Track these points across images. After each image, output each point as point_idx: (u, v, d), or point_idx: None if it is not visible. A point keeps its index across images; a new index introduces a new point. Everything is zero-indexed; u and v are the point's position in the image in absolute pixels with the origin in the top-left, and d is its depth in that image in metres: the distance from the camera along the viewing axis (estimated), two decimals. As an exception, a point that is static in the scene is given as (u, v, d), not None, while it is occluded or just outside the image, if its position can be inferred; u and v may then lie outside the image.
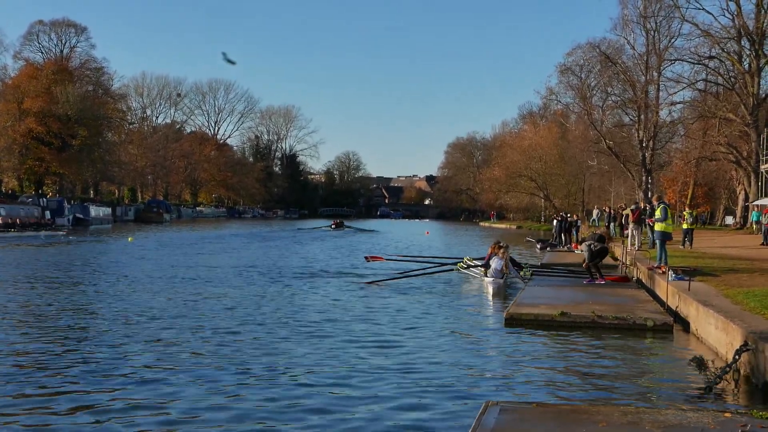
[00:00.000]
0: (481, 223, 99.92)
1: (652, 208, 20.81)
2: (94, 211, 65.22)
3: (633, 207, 26.90)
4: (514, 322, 12.18)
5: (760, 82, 43.59)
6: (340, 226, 63.85)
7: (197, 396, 7.67)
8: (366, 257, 24.96)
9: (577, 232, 37.44)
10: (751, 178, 42.70)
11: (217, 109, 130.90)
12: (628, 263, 20.84)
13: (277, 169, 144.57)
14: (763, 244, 27.17)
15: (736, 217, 48.92)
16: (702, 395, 7.74)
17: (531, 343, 10.96)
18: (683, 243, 25.28)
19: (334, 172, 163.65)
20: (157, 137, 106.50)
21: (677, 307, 12.82)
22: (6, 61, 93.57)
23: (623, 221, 32.67)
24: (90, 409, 7.20)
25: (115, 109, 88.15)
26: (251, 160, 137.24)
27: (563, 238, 36.62)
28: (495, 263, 17.98)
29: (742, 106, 43.21)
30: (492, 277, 17.77)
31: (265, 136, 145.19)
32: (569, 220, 38.45)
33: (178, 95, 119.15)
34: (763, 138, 40.58)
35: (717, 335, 9.85)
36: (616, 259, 25.11)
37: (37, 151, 71.40)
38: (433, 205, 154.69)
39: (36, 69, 76.53)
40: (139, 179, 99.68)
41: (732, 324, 9.14)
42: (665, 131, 53.61)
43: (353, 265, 24.91)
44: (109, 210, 72.14)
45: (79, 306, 14.07)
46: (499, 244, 19.11)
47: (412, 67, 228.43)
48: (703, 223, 57.84)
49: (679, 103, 50.89)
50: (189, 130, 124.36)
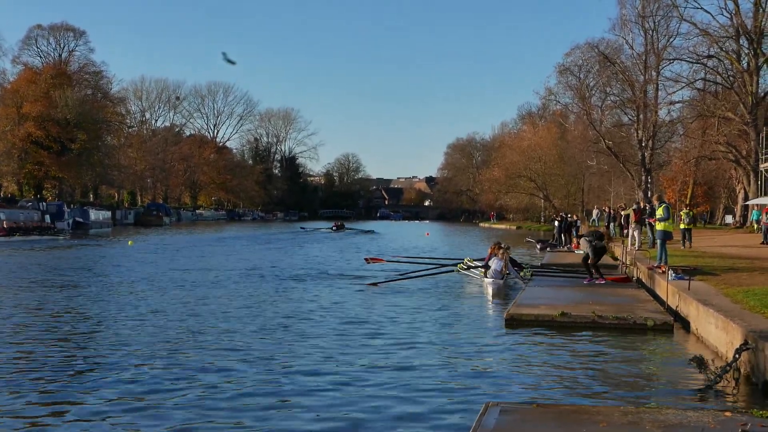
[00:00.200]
0: (481, 224, 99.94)
1: (652, 208, 20.84)
2: (94, 214, 65.23)
3: (635, 207, 26.90)
4: (514, 323, 12.18)
5: (758, 80, 43.66)
6: (341, 228, 64.37)
7: (196, 396, 7.67)
8: (366, 259, 24.95)
9: (576, 232, 37.43)
10: (751, 177, 42.73)
11: (216, 111, 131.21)
12: (628, 263, 20.85)
13: (276, 171, 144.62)
14: (763, 243, 27.18)
15: (735, 216, 48.92)
16: (702, 394, 7.74)
17: (531, 343, 10.96)
18: (683, 243, 25.28)
19: (334, 174, 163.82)
20: (157, 140, 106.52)
21: (677, 306, 12.82)
22: (5, 65, 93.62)
23: (622, 221, 32.68)
24: (90, 409, 7.20)
25: (114, 113, 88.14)
26: (251, 162, 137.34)
27: (563, 239, 36.64)
28: (495, 264, 18.02)
29: (741, 105, 43.25)
30: (492, 277, 17.80)
31: (265, 139, 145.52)
32: (569, 220, 38.47)
33: (177, 98, 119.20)
34: (762, 137, 40.60)
35: (717, 334, 9.85)
36: (616, 259, 25.12)
37: (36, 156, 71.39)
38: (433, 206, 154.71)
39: (35, 73, 76.53)
40: (138, 183, 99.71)
41: (732, 323, 9.14)
42: (664, 131, 53.65)
43: (354, 267, 24.92)
44: (108, 214, 72.15)
45: (81, 309, 14.06)
46: (499, 244, 19.13)
47: (412, 68, 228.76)
48: (704, 222, 57.88)
49: (678, 102, 51.02)
50: (188, 133, 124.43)
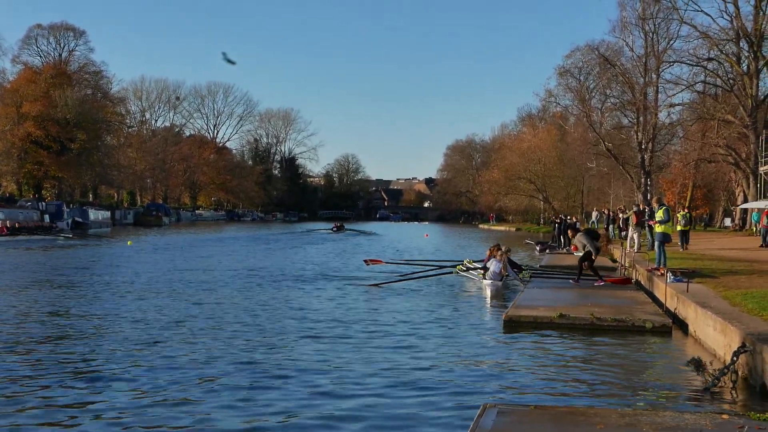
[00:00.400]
0: (480, 226, 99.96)
1: (652, 211, 20.84)
2: (93, 214, 65.24)
3: (635, 209, 26.94)
4: (513, 324, 12.17)
5: (758, 83, 43.69)
6: (341, 229, 64.71)
7: (195, 396, 7.66)
8: (365, 261, 24.95)
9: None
10: (750, 179, 42.74)
11: (216, 112, 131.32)
12: (627, 265, 20.85)
13: (276, 172, 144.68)
14: (761, 246, 27.17)
15: (734, 219, 48.90)
16: (700, 397, 7.74)
17: (529, 345, 10.96)
18: (682, 245, 25.31)
19: (334, 175, 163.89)
20: (156, 141, 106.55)
21: (676, 308, 12.82)
22: (5, 65, 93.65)
23: (621, 223, 32.70)
24: (90, 410, 7.20)
25: (114, 113, 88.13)
26: (250, 163, 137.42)
27: (562, 240, 36.66)
28: (493, 266, 18.02)
29: (741, 108, 43.28)
30: (490, 279, 17.80)
31: (264, 139, 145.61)
32: (568, 222, 38.50)
33: (177, 98, 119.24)
34: (761, 140, 40.61)
35: (715, 337, 9.85)
36: (615, 261, 25.13)
37: (35, 155, 71.39)
38: (433, 207, 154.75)
39: (35, 73, 76.53)
40: (138, 183, 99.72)
41: (730, 326, 9.14)
42: (664, 133, 53.68)
43: (353, 268, 24.92)
44: (108, 213, 72.16)
45: (81, 309, 14.05)
46: (498, 246, 19.14)
47: (412, 69, 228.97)
48: (704, 225, 57.85)
49: (677, 105, 51.05)
50: (188, 134, 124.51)
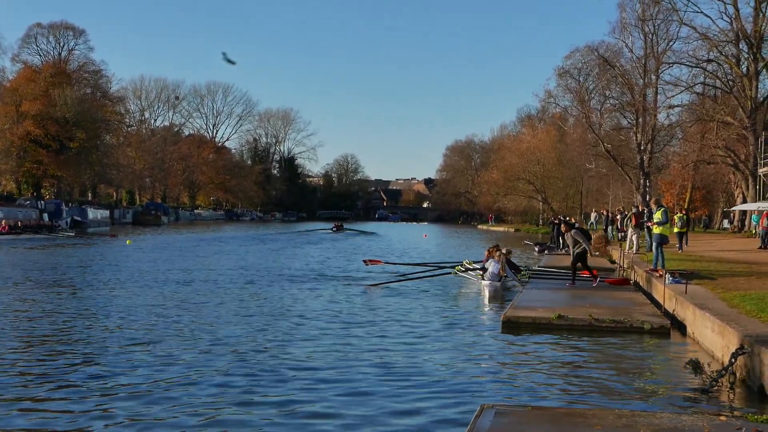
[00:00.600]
0: (479, 226, 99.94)
1: (651, 212, 20.84)
2: (92, 213, 65.24)
3: (634, 211, 26.93)
4: (511, 325, 12.16)
5: (758, 85, 43.75)
6: (340, 229, 65.04)
7: (195, 395, 7.66)
8: (365, 261, 24.94)
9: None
10: (749, 181, 42.77)
11: (215, 111, 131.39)
12: (626, 266, 20.86)
13: (275, 171, 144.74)
14: (760, 248, 27.18)
15: (733, 221, 48.91)
16: (698, 398, 7.74)
17: (528, 346, 10.95)
18: (680, 247, 25.34)
19: (333, 175, 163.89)
20: (156, 140, 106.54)
21: (674, 310, 12.82)
22: (4, 63, 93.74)
23: (619, 225, 32.69)
24: (90, 409, 7.20)
25: (114, 112, 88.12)
26: (249, 162, 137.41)
27: (561, 241, 36.59)
28: (492, 266, 18.02)
29: (740, 110, 43.33)
30: (489, 280, 17.79)
31: (264, 139, 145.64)
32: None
33: (177, 98, 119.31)
34: (761, 141, 40.65)
35: (713, 338, 9.85)
36: (613, 262, 25.14)
37: (34, 154, 71.35)
38: (432, 207, 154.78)
39: (34, 72, 76.50)
40: (137, 182, 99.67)
41: (728, 327, 9.14)
42: (663, 134, 53.74)
43: (353, 268, 24.91)
44: (107, 213, 72.17)
45: (81, 309, 14.04)
46: (497, 247, 19.13)
47: (411, 69, 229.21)
48: (705, 227, 57.85)
49: (677, 106, 51.12)
50: (187, 133, 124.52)
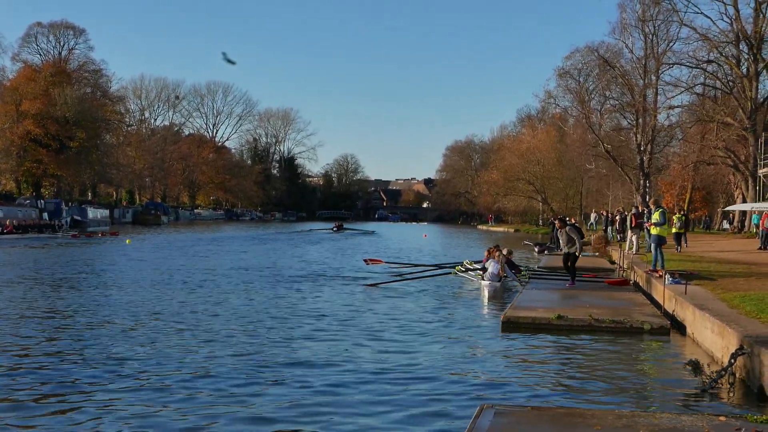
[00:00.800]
0: (479, 227, 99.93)
1: (650, 212, 20.86)
2: (92, 213, 65.27)
3: (634, 211, 26.92)
4: (511, 326, 12.14)
5: (758, 86, 43.70)
6: (341, 229, 65.24)
7: (194, 394, 7.66)
8: (365, 260, 24.96)
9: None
10: (749, 182, 42.76)
11: (215, 111, 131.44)
12: (626, 267, 20.86)
13: (275, 171, 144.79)
14: (760, 248, 27.17)
15: (732, 221, 48.90)
16: (697, 399, 7.74)
17: (527, 346, 10.95)
18: (678, 247, 25.37)
19: (333, 175, 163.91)
20: (156, 139, 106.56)
21: (674, 310, 12.83)
22: (4, 62, 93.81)
23: (618, 225, 32.69)
24: (89, 408, 7.20)
25: (114, 112, 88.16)
26: (249, 162, 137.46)
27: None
28: (491, 267, 18.01)
29: (740, 110, 43.30)
30: (489, 280, 17.78)
31: (264, 139, 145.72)
32: (572, 224, 38.40)
33: (177, 97, 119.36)
34: (761, 142, 40.62)
35: (713, 339, 9.85)
36: (613, 262, 25.15)
37: (34, 153, 71.38)
38: (431, 208, 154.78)
39: (34, 71, 76.55)
40: (136, 181, 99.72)
41: (728, 328, 9.14)
42: (663, 135, 53.70)
43: (353, 268, 24.91)
44: (106, 212, 72.18)
45: (81, 308, 14.06)
46: (497, 247, 19.14)
47: (411, 70, 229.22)
48: (707, 228, 57.82)
49: (677, 107, 51.07)
50: (187, 133, 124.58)
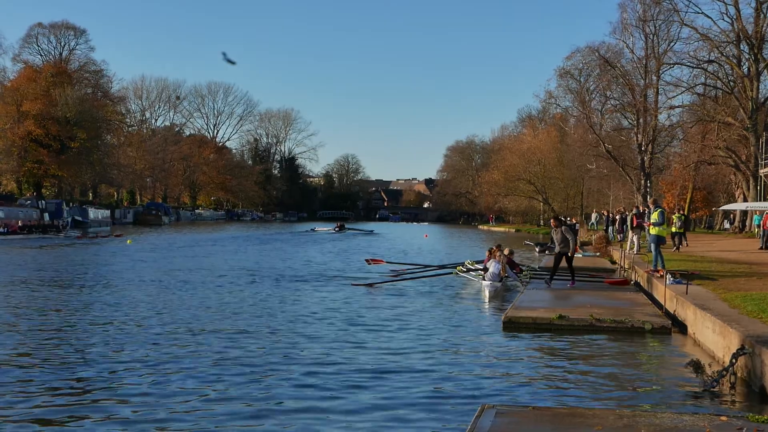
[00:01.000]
0: (480, 227, 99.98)
1: (649, 212, 20.86)
2: (93, 213, 65.25)
3: (635, 211, 26.92)
4: (512, 326, 12.15)
5: (759, 86, 43.67)
6: (342, 229, 65.50)
7: (194, 393, 7.66)
8: (367, 260, 24.98)
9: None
10: (750, 182, 42.73)
11: (216, 111, 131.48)
12: (627, 267, 20.85)
13: (276, 172, 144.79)
14: (761, 248, 27.15)
15: (733, 221, 48.86)
16: (698, 398, 7.74)
17: (529, 346, 10.95)
18: (677, 247, 25.35)
19: (333, 175, 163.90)
20: (156, 140, 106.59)
21: (675, 310, 12.82)
22: (5, 63, 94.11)
23: (618, 225, 32.69)
24: (89, 408, 7.20)
25: (114, 112, 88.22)
26: (250, 163, 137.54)
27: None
28: (493, 267, 18.00)
29: (741, 110, 43.27)
30: (490, 280, 17.77)
31: (264, 139, 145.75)
32: (568, 223, 38.43)
33: (177, 98, 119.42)
34: (762, 142, 40.60)
35: (714, 339, 9.84)
36: (614, 262, 25.13)
37: (35, 154, 71.42)
38: (432, 208, 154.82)
39: (35, 71, 76.61)
40: (137, 182, 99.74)
41: (729, 328, 9.13)
42: (664, 135, 53.66)
43: (354, 268, 24.92)
44: (107, 212, 72.19)
45: (81, 307, 14.07)
46: (499, 247, 19.13)
47: (412, 70, 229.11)
48: (709, 228, 57.77)
49: (678, 107, 51.03)
50: (188, 133, 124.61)
